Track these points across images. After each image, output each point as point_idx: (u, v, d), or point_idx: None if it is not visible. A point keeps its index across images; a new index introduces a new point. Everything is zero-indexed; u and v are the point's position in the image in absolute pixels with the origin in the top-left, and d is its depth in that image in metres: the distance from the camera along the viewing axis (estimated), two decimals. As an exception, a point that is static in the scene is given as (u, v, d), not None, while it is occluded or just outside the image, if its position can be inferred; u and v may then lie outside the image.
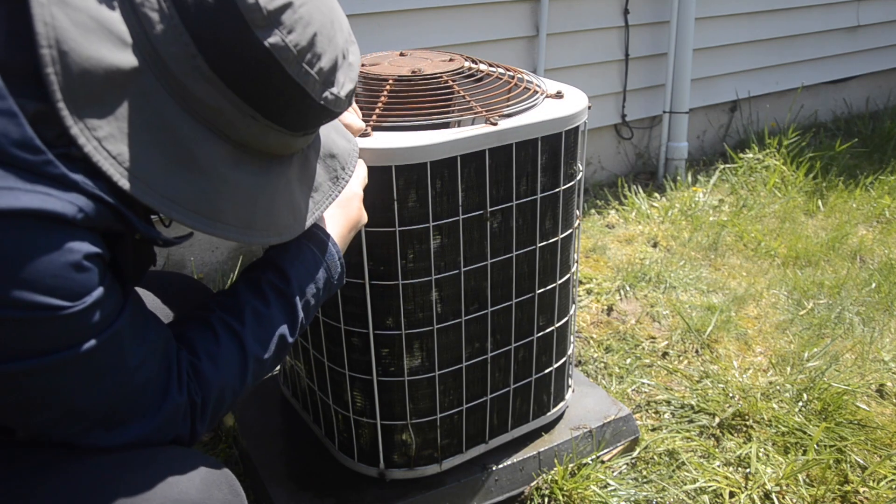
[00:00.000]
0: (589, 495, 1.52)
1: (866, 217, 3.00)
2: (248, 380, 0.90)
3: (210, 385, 0.87)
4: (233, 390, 0.89)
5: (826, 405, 1.81)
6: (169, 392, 0.81)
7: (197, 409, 0.85)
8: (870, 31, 4.00)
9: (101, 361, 0.74)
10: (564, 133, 1.32)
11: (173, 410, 0.82)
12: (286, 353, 0.96)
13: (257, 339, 0.91)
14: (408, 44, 2.51)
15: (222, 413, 0.90)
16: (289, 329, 0.94)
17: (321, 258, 0.99)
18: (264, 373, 0.93)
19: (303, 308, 0.96)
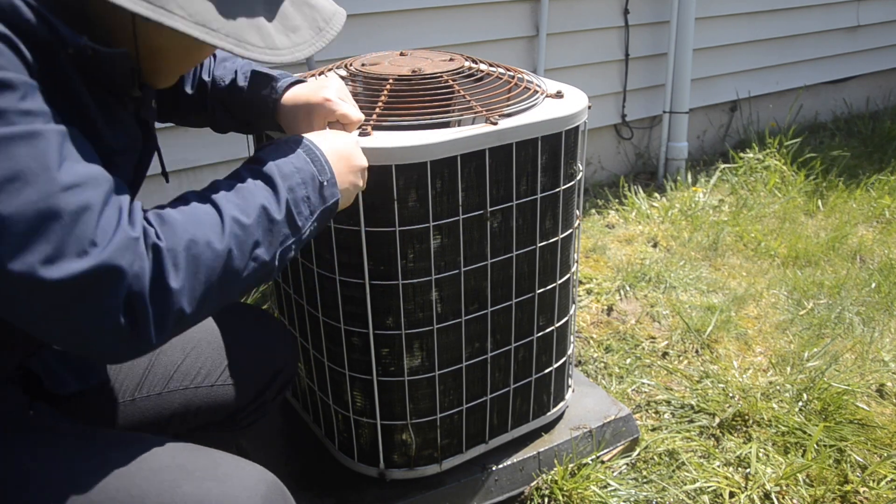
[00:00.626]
0: (589, 495, 1.52)
1: (866, 217, 3.00)
2: (231, 243, 0.79)
3: (177, 230, 0.77)
4: (212, 249, 0.78)
5: (826, 405, 1.80)
6: (119, 226, 0.72)
7: (163, 254, 0.74)
8: (870, 31, 4.00)
9: (20, 158, 0.68)
10: (564, 133, 1.32)
11: (122, 246, 0.71)
12: (277, 235, 0.85)
13: (232, 202, 0.82)
14: (408, 44, 2.51)
15: (214, 285, 0.78)
16: (271, 203, 0.85)
17: (302, 152, 0.93)
18: (251, 244, 0.82)
19: (287, 191, 0.87)
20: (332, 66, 1.48)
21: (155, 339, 0.74)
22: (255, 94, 1.19)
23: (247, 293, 0.85)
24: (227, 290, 0.80)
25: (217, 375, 1.17)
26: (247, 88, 1.20)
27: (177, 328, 0.76)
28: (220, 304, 0.81)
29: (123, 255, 0.71)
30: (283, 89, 1.18)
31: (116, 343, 0.72)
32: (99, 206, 0.72)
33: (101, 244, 0.70)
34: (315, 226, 0.91)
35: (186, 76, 1.22)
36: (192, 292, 0.76)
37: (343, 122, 1.14)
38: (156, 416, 1.12)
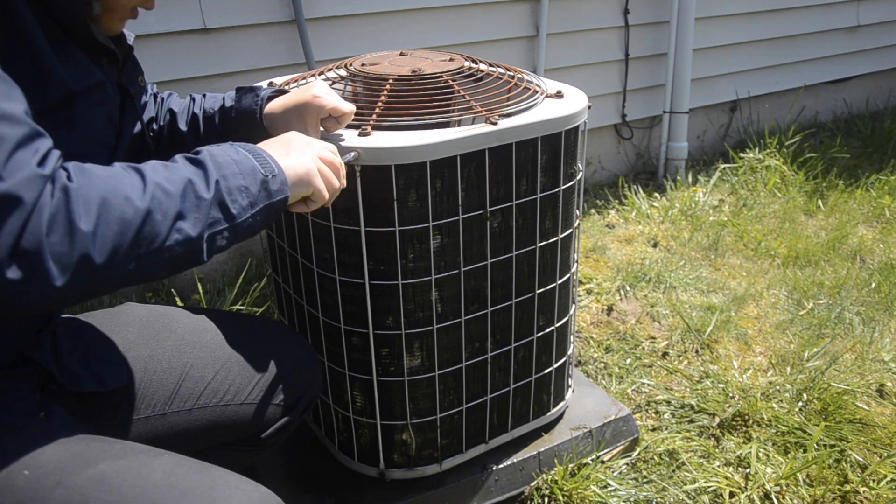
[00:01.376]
0: (589, 495, 1.52)
1: (866, 217, 3.00)
2: (151, 204, 0.76)
3: (94, 180, 0.74)
4: (130, 204, 0.75)
5: (826, 405, 1.80)
6: (29, 165, 0.70)
7: (72, 195, 0.71)
8: (870, 31, 4.00)
9: None
10: (564, 133, 1.32)
11: (27, 180, 0.69)
12: (204, 213, 0.82)
13: (158, 172, 0.80)
14: (408, 44, 2.51)
15: (130, 243, 0.74)
16: (198, 181, 0.83)
17: (244, 150, 0.91)
18: (173, 212, 0.78)
19: (220, 176, 0.85)
20: (333, 65, 1.48)
21: (57, 280, 0.69)
22: (241, 109, 1.22)
23: (173, 270, 0.81)
24: (147, 255, 0.76)
25: (246, 394, 1.17)
26: (234, 104, 1.23)
27: (83, 276, 0.71)
28: (141, 272, 0.77)
29: (27, 188, 0.68)
30: (266, 97, 1.21)
31: (16, 281, 0.68)
32: (12, 143, 0.69)
33: (6, 178, 0.67)
34: (257, 219, 0.89)
35: (179, 114, 1.26)
36: (102, 240, 0.72)
37: (335, 114, 1.15)
38: (184, 430, 1.12)
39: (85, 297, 0.76)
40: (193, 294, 2.30)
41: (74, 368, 1.01)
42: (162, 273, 0.79)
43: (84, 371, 1.02)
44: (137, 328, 1.16)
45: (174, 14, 2.10)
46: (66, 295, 0.72)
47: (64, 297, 0.72)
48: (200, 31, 2.16)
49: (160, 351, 1.14)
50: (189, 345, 1.16)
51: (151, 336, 1.15)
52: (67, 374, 1.00)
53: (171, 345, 1.15)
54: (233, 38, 2.23)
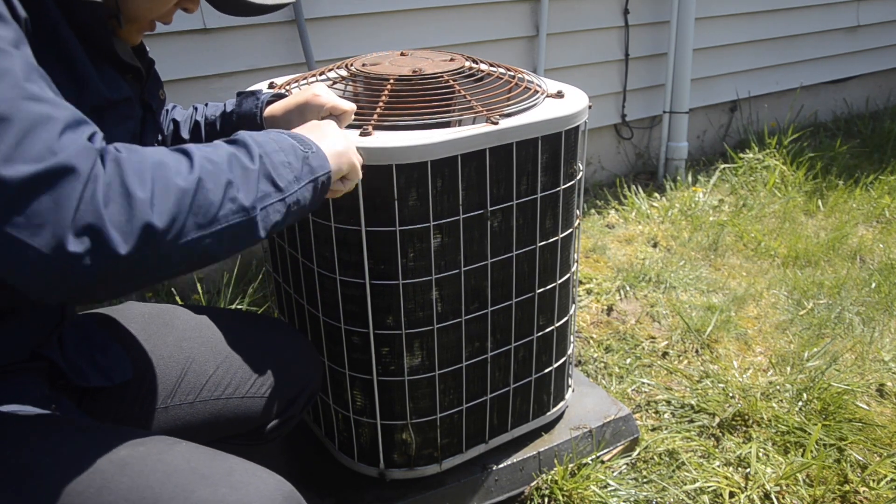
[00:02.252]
0: (589, 495, 1.52)
1: (866, 217, 3.00)
2: (201, 173, 0.77)
3: (145, 154, 0.75)
4: (181, 175, 0.75)
5: (826, 405, 1.81)
6: (80, 141, 0.70)
7: (125, 165, 0.71)
8: (870, 31, 4.00)
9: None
10: (565, 132, 1.32)
11: (80, 152, 0.69)
12: (253, 182, 0.82)
13: (202, 149, 0.81)
14: (408, 44, 2.51)
15: (188, 209, 0.74)
16: (242, 155, 0.84)
17: (282, 133, 0.93)
18: (224, 181, 0.79)
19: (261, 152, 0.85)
20: (333, 66, 1.48)
21: (121, 248, 0.68)
22: (242, 112, 1.24)
23: (232, 246, 0.80)
24: (205, 225, 0.76)
25: (248, 388, 1.18)
26: (235, 109, 1.25)
27: (147, 244, 0.71)
28: (202, 245, 0.76)
29: (81, 160, 0.68)
30: (266, 100, 1.22)
31: (79, 254, 0.67)
32: (62, 123, 0.70)
33: (59, 152, 0.67)
34: (305, 195, 0.89)
35: (182, 124, 1.27)
36: (161, 206, 0.72)
37: (335, 113, 1.17)
38: (186, 424, 1.13)
39: (151, 272, 0.74)
40: (193, 294, 2.30)
41: (81, 364, 1.02)
42: (222, 250, 0.79)
43: (90, 366, 1.04)
44: (139, 324, 1.17)
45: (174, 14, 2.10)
46: (132, 267, 0.70)
47: (130, 270, 0.71)
48: (200, 31, 2.16)
49: (162, 346, 1.15)
50: (190, 340, 1.17)
51: (153, 332, 1.17)
52: (75, 370, 1.01)
53: (172, 340, 1.16)
54: (233, 38, 2.23)
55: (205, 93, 2.23)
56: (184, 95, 2.17)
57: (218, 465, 0.84)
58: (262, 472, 0.86)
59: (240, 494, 0.80)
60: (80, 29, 0.89)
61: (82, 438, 0.85)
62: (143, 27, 1.01)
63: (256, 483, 0.83)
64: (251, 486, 0.82)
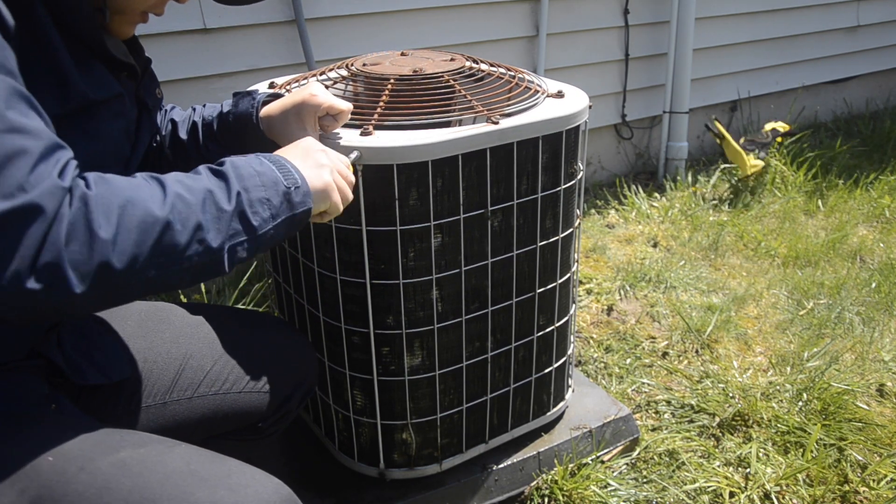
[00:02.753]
0: (589, 495, 1.52)
1: (866, 217, 3.00)
2: (172, 215, 0.77)
3: (115, 189, 0.75)
4: (150, 213, 0.76)
5: (826, 405, 1.81)
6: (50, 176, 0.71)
7: (91, 203, 0.72)
8: (870, 31, 4.00)
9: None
10: (565, 132, 1.32)
11: (49, 192, 0.70)
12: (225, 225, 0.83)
13: (179, 182, 0.82)
14: (408, 44, 2.51)
15: (150, 251, 0.75)
16: (220, 193, 0.84)
17: (267, 160, 0.92)
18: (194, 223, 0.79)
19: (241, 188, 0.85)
20: (333, 66, 1.48)
21: (77, 287, 0.70)
22: (238, 113, 1.23)
23: (194, 280, 0.81)
24: (167, 265, 0.77)
25: (244, 383, 1.19)
26: (231, 109, 1.25)
27: (103, 283, 0.72)
28: (162, 281, 0.77)
29: (48, 199, 0.69)
30: (262, 100, 1.22)
31: (36, 291, 0.69)
32: (36, 155, 0.71)
33: (29, 190, 0.69)
34: (279, 231, 0.89)
35: (180, 123, 1.27)
36: (121, 247, 0.73)
37: (332, 112, 1.16)
38: (184, 419, 1.14)
39: (107, 303, 0.78)
40: (194, 294, 2.30)
41: (79, 362, 1.03)
42: (183, 282, 0.80)
43: (88, 364, 1.04)
44: (136, 322, 1.18)
45: (174, 14, 2.10)
46: (86, 302, 0.73)
47: (84, 304, 0.73)
48: (200, 31, 2.16)
49: (159, 342, 1.15)
50: (187, 336, 1.18)
51: (150, 329, 1.17)
52: (73, 368, 1.01)
53: (169, 336, 1.17)
54: (233, 38, 2.23)
55: (205, 93, 2.23)
56: (184, 95, 2.17)
57: (217, 468, 0.84)
58: (260, 474, 0.86)
59: (238, 497, 0.80)
60: (69, 28, 0.89)
61: (84, 438, 0.85)
62: (133, 19, 1.01)
63: (255, 486, 0.83)
64: (249, 489, 0.82)
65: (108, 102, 0.96)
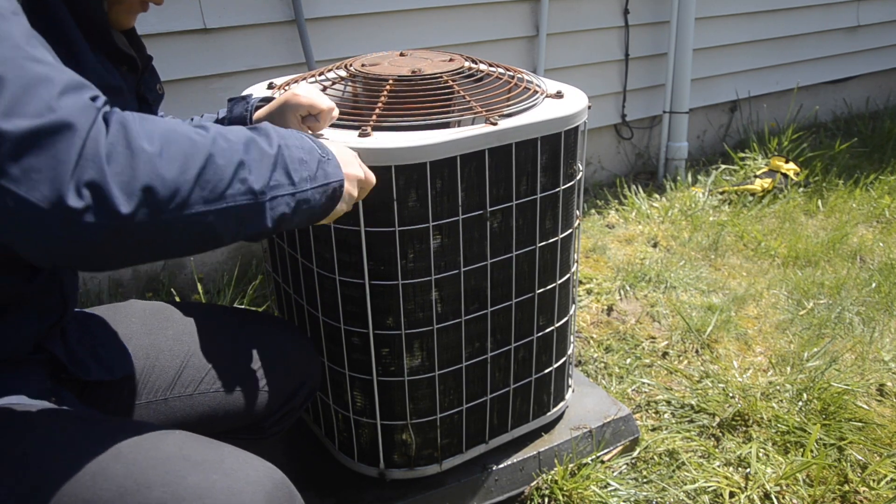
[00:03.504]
0: (589, 495, 1.52)
1: (866, 217, 3.00)
2: (213, 149, 0.76)
3: (156, 122, 0.74)
4: (193, 142, 0.74)
5: (826, 405, 1.81)
6: (83, 99, 0.69)
7: (131, 127, 0.70)
8: (870, 31, 4.00)
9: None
10: (564, 133, 1.32)
11: (81, 109, 0.68)
12: (266, 169, 0.81)
13: (220, 129, 0.80)
14: (408, 44, 2.51)
15: (195, 178, 0.73)
16: (262, 140, 0.83)
17: (305, 135, 0.92)
18: (236, 160, 0.78)
19: (281, 143, 0.85)
20: (333, 66, 1.48)
21: (123, 207, 0.67)
22: (233, 117, 1.24)
23: (237, 229, 0.76)
24: (211, 200, 0.74)
25: (246, 381, 1.19)
26: (227, 115, 1.26)
27: (150, 207, 0.69)
28: (205, 221, 0.74)
29: (79, 116, 0.67)
30: (255, 105, 1.23)
31: (79, 210, 0.65)
32: (61, 84, 0.69)
33: (57, 110, 0.66)
34: (316, 196, 0.88)
35: None
36: (167, 171, 0.70)
37: (313, 112, 1.16)
38: (184, 416, 1.14)
39: (153, 243, 0.72)
40: (193, 294, 2.30)
41: (83, 357, 1.03)
42: (227, 230, 0.77)
43: (92, 360, 1.05)
44: (140, 319, 1.18)
45: (174, 14, 2.10)
46: (132, 231, 0.69)
47: (130, 232, 0.69)
48: (200, 31, 2.17)
49: (161, 339, 1.16)
50: (189, 334, 1.18)
51: (153, 326, 1.18)
52: (77, 363, 1.02)
53: (172, 333, 1.17)
54: (233, 38, 2.23)
55: (205, 93, 2.23)
56: (184, 95, 2.17)
57: (210, 453, 0.85)
58: (253, 459, 0.86)
59: (230, 481, 0.81)
60: (78, 18, 0.90)
61: (80, 429, 0.86)
62: (133, 8, 1.01)
63: (247, 469, 0.83)
64: (241, 473, 0.82)
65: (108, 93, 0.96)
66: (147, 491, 0.77)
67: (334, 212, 0.96)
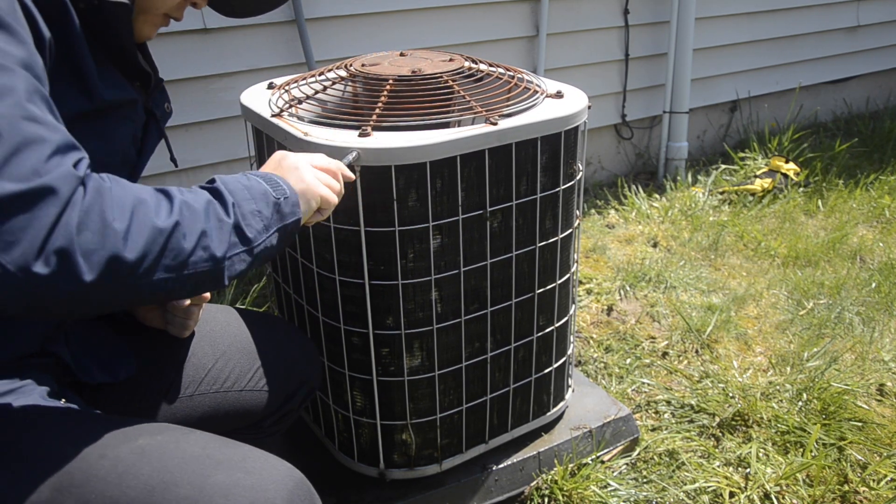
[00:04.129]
0: (589, 495, 1.52)
1: (866, 217, 3.00)
2: (178, 218, 0.78)
3: (128, 188, 0.77)
4: (159, 215, 0.77)
5: (826, 405, 1.81)
6: (65, 166, 0.72)
7: (107, 195, 0.73)
8: (870, 31, 4.00)
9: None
10: (564, 133, 1.32)
11: (63, 176, 0.71)
12: (226, 235, 0.84)
13: (183, 193, 0.83)
14: (408, 44, 2.51)
15: (159, 250, 0.76)
16: (218, 205, 0.85)
17: (254, 175, 0.94)
18: (199, 229, 0.81)
19: (233, 203, 0.87)
20: (333, 66, 1.48)
21: (86, 276, 0.70)
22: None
23: (194, 290, 0.83)
24: (174, 268, 0.78)
25: (246, 381, 1.20)
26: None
27: (112, 276, 0.72)
28: (166, 286, 0.78)
29: (63, 183, 0.70)
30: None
31: (43, 276, 0.68)
32: (53, 146, 0.72)
33: (43, 175, 0.69)
34: (272, 242, 0.91)
35: None
36: (134, 242, 0.73)
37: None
38: (185, 417, 1.15)
39: (112, 302, 0.77)
40: (193, 294, 2.30)
41: (86, 360, 1.04)
42: (184, 291, 0.81)
43: (95, 363, 1.05)
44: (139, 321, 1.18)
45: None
46: (93, 295, 0.72)
47: (91, 297, 0.72)
48: (200, 31, 2.17)
49: (161, 341, 1.16)
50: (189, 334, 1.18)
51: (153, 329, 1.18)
52: (80, 366, 1.03)
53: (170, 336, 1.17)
54: (233, 38, 2.23)
55: (205, 93, 2.23)
56: (184, 95, 2.17)
57: (232, 452, 0.87)
58: (273, 459, 0.89)
59: (254, 479, 0.83)
60: (95, 34, 0.92)
61: (101, 428, 0.87)
62: (156, 21, 1.03)
63: (269, 469, 0.86)
64: (265, 472, 0.85)
65: (121, 106, 0.98)
66: (175, 489, 0.79)
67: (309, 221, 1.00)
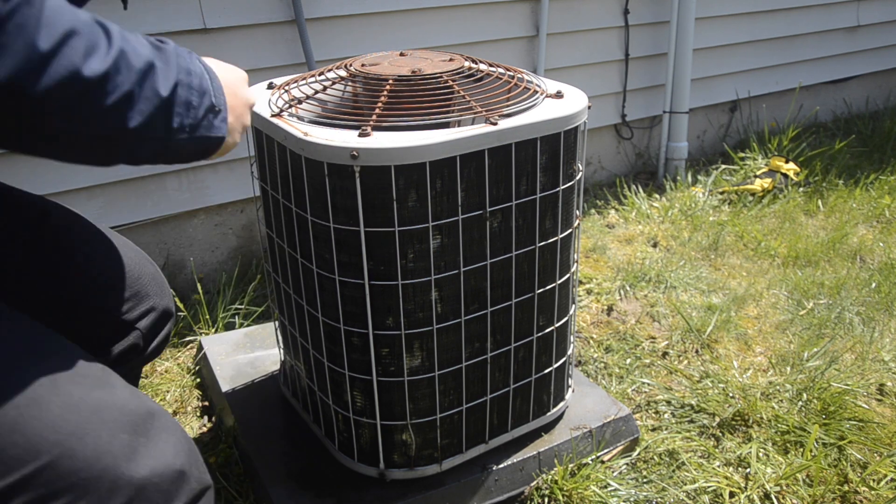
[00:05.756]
0: (589, 495, 1.52)
1: (866, 217, 3.00)
2: (110, 68, 0.73)
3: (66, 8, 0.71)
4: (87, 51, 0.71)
5: (826, 405, 1.81)
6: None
7: (34, 2, 0.67)
8: (870, 31, 4.00)
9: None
10: (564, 133, 1.32)
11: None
12: (152, 76, 0.78)
13: (124, 40, 0.77)
14: (408, 44, 2.51)
15: (80, 59, 0.70)
16: (160, 74, 0.79)
17: (200, 64, 0.89)
18: (131, 55, 0.75)
19: (176, 70, 0.81)
20: (333, 66, 1.48)
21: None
22: None
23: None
24: (99, 88, 0.72)
25: (92, 274, 1.14)
26: None
27: (18, 52, 0.66)
28: (85, 99, 0.71)
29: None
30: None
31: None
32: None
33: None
34: (186, 143, 0.84)
35: None
36: (49, 30, 0.67)
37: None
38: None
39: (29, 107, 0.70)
40: (193, 294, 2.30)
41: None
42: (120, 117, 0.76)
43: None
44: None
45: (174, 14, 2.10)
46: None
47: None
48: (200, 31, 2.17)
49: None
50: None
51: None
52: None
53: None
54: (233, 38, 2.23)
55: (205, 93, 2.23)
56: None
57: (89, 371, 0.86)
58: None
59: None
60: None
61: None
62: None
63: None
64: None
65: None
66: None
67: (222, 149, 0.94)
